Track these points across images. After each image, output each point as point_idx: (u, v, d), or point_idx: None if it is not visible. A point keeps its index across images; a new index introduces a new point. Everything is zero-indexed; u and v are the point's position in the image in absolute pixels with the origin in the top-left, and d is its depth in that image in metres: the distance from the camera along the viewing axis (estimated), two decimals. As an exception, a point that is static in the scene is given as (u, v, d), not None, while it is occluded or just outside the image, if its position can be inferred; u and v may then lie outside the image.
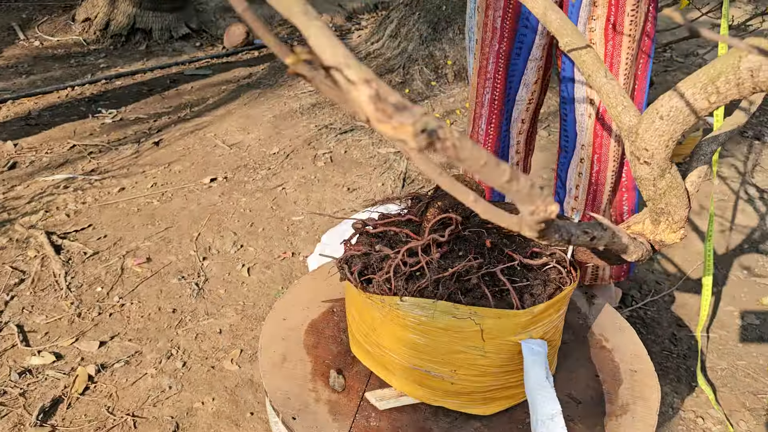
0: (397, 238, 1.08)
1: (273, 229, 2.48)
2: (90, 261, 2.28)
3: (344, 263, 1.07)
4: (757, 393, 1.75)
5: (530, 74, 1.72)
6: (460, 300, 0.98)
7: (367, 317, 1.08)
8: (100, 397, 1.71)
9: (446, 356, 1.01)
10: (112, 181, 2.90)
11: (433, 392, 1.06)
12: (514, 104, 1.78)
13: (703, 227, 2.56)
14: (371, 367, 1.15)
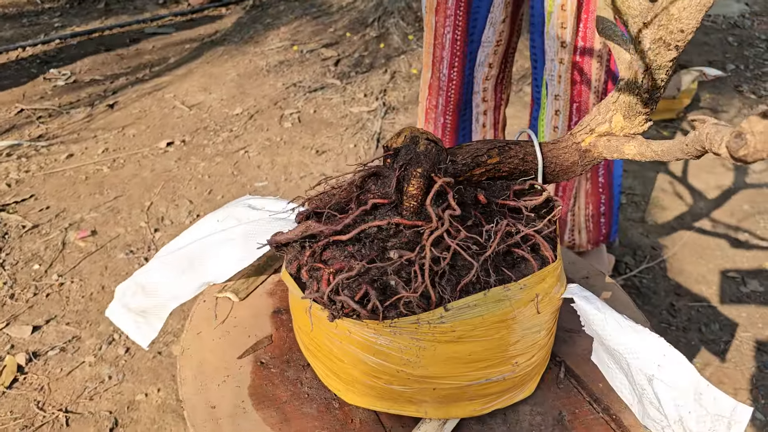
0: (378, 235, 0.76)
1: (233, 197, 2.26)
2: (28, 235, 2.06)
3: (333, 296, 0.71)
4: (764, 368, 1.59)
5: (497, 11, 1.50)
6: (506, 278, 0.74)
7: (394, 357, 0.72)
8: (29, 390, 1.50)
9: (505, 352, 0.76)
10: (60, 147, 2.66)
11: (487, 399, 0.79)
12: (480, 46, 1.56)
13: (697, 186, 2.38)
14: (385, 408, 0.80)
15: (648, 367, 0.67)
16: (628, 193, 2.32)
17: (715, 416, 0.62)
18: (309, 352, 0.83)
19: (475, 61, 1.58)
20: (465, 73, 1.59)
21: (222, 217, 0.98)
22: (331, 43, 3.55)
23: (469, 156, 0.79)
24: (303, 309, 0.77)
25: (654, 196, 2.31)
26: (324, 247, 0.76)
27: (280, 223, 0.93)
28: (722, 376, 1.56)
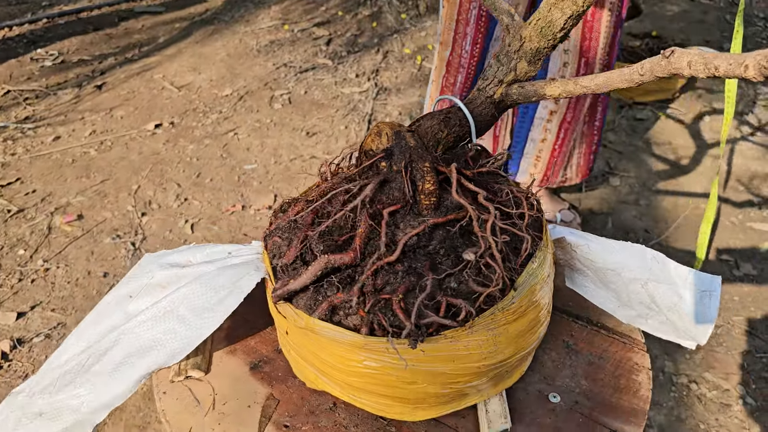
0: (419, 243, 0.72)
1: (222, 180, 2.23)
2: (13, 220, 2.03)
3: (419, 321, 0.65)
4: (756, 352, 1.58)
5: None
6: (535, 239, 0.77)
7: (473, 356, 0.70)
8: (13, 378, 1.49)
9: (548, 307, 0.80)
10: (47, 129, 2.62)
11: (527, 361, 0.85)
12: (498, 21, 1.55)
13: (691, 169, 2.35)
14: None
15: (641, 274, 0.80)
16: (622, 175, 2.30)
17: (701, 292, 0.80)
18: (351, 389, 0.75)
19: (492, 36, 1.57)
20: (484, 49, 1.60)
21: (135, 291, 0.79)
22: (323, 22, 3.50)
23: (432, 137, 0.78)
24: (344, 350, 0.68)
25: (647, 178, 2.28)
26: (374, 274, 0.69)
27: (232, 271, 0.78)
28: (713, 361, 1.55)
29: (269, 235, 0.77)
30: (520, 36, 0.74)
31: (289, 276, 0.72)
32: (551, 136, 1.75)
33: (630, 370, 0.87)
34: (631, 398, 0.82)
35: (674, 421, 1.40)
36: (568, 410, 0.79)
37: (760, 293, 1.76)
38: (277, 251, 0.75)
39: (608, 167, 2.35)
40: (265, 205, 2.10)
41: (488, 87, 0.77)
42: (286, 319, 0.73)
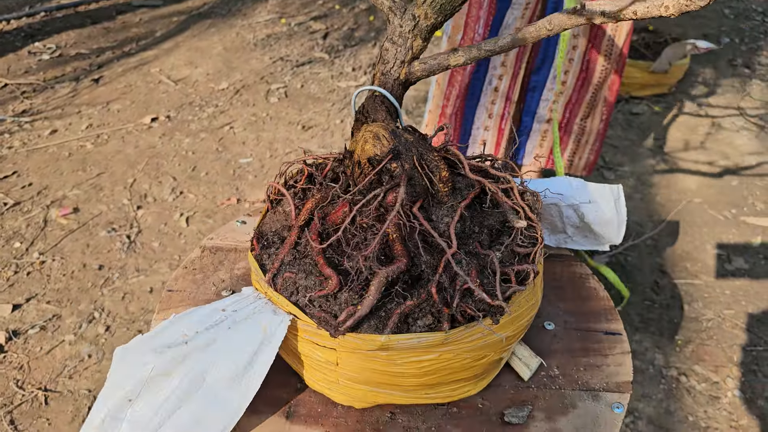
0: (462, 229, 0.74)
1: (217, 173, 2.24)
2: (10, 213, 2.04)
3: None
4: (746, 346, 1.59)
5: None
6: None
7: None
8: (9, 368, 1.50)
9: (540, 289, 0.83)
10: (44, 123, 2.62)
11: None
12: (510, 6, 1.55)
13: (685, 164, 2.36)
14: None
15: (573, 200, 0.91)
16: (617, 169, 2.30)
17: (614, 201, 0.92)
18: (423, 388, 0.74)
19: (501, 22, 1.57)
20: (493, 32, 1.60)
21: (133, 392, 0.65)
22: (320, 16, 3.50)
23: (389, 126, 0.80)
24: (420, 353, 0.68)
25: (642, 172, 2.29)
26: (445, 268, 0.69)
27: (247, 325, 0.71)
28: (703, 354, 1.56)
29: (277, 274, 0.72)
30: (413, 15, 0.76)
31: (331, 306, 0.69)
32: (557, 115, 1.76)
33: (582, 281, 0.97)
34: (598, 302, 0.93)
35: (663, 414, 1.42)
36: (564, 331, 0.87)
37: (751, 287, 1.77)
38: (294, 287, 0.71)
39: (603, 161, 2.36)
40: (260, 199, 2.10)
41: (392, 70, 0.79)
42: (335, 350, 0.69)
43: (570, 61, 1.64)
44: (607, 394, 0.78)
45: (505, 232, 0.76)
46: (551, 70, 1.67)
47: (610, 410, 0.76)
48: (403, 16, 0.77)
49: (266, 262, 0.75)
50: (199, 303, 0.88)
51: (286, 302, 0.70)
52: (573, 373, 0.82)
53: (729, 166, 2.34)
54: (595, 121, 1.75)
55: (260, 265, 0.75)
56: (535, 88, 1.71)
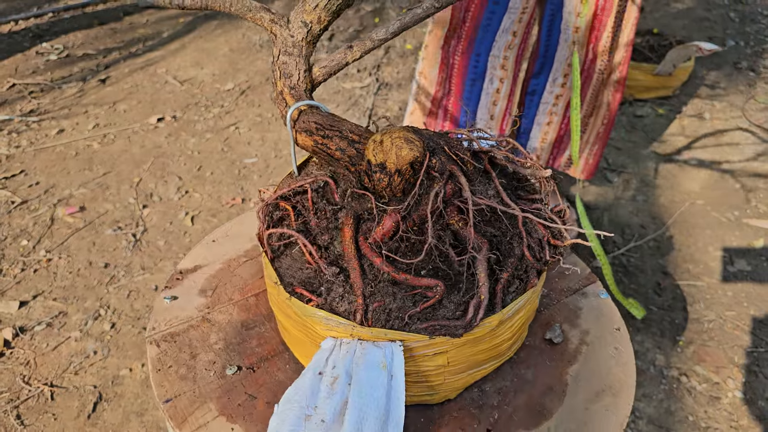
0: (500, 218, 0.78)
1: (223, 173, 2.25)
2: (17, 211, 2.06)
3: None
4: (747, 347, 1.59)
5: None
6: None
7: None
8: (15, 364, 1.51)
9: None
10: (52, 122, 2.64)
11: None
12: (506, 11, 1.56)
13: (689, 166, 2.36)
14: None
15: None
16: (620, 171, 2.31)
17: None
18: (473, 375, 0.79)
19: (498, 26, 1.58)
20: (480, 21, 1.60)
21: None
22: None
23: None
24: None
25: (645, 174, 2.30)
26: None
27: (363, 369, 0.67)
28: (704, 355, 1.57)
29: (366, 310, 0.71)
30: (304, 23, 0.78)
31: (435, 312, 0.71)
32: (557, 117, 1.77)
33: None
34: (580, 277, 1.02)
35: (663, 413, 1.42)
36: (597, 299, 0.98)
37: (753, 289, 1.78)
38: (386, 314, 0.71)
39: (606, 163, 2.37)
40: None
41: (299, 82, 0.81)
42: (446, 352, 0.71)
43: (569, 65, 1.66)
44: (587, 289, 0.98)
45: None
46: (550, 74, 1.69)
47: (599, 297, 0.96)
48: (291, 26, 0.78)
49: (338, 306, 0.72)
50: (213, 396, 0.80)
51: (384, 332, 0.69)
52: (556, 285, 0.98)
53: (732, 169, 2.35)
54: (597, 121, 1.76)
55: (333, 311, 0.72)
56: (535, 91, 1.73)
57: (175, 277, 0.98)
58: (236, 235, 1.07)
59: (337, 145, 0.78)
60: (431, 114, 1.76)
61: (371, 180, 0.75)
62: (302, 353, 0.82)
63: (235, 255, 1.03)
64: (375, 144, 0.74)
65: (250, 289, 0.96)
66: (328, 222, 0.79)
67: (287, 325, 0.80)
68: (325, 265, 0.75)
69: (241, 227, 1.09)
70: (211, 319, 0.91)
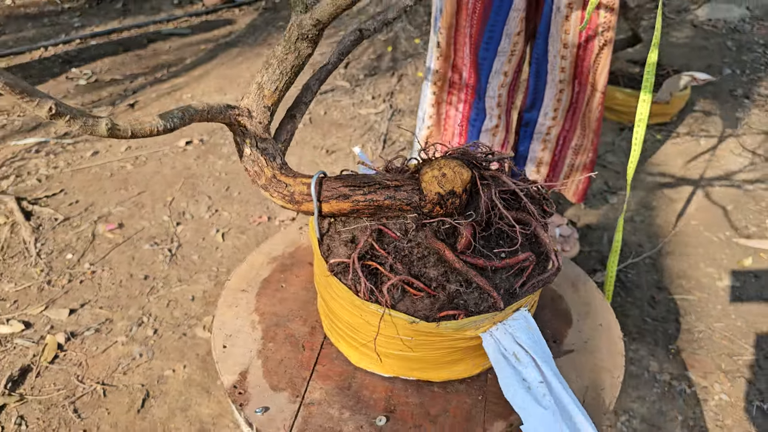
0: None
1: (249, 193, 2.43)
2: (61, 227, 2.23)
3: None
4: (733, 355, 1.74)
5: (512, 24, 1.68)
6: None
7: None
8: (69, 365, 1.67)
9: None
10: (86, 144, 2.83)
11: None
12: (496, 56, 1.74)
13: (683, 188, 2.53)
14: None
15: None
16: (620, 194, 2.47)
17: None
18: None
19: (491, 69, 1.76)
20: (482, 76, 1.79)
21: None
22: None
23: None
24: None
25: (643, 197, 2.46)
26: None
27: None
28: (693, 362, 1.72)
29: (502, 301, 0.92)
30: (266, 107, 0.94)
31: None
32: (551, 145, 1.96)
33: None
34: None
35: (656, 414, 1.57)
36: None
37: (740, 303, 1.93)
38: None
39: (606, 186, 2.53)
40: (289, 217, 2.28)
41: (284, 161, 0.99)
42: None
43: (558, 101, 1.84)
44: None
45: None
46: (542, 109, 1.87)
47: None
48: (254, 115, 0.94)
49: (479, 307, 0.92)
50: None
51: (512, 307, 0.95)
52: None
53: (725, 192, 2.51)
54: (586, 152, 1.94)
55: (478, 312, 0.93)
56: (528, 123, 1.93)
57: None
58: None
59: (384, 195, 0.92)
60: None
61: (444, 206, 0.90)
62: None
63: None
64: (438, 178, 0.89)
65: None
66: (411, 256, 0.92)
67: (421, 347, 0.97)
68: (447, 288, 0.90)
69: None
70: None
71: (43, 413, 1.53)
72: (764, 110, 3.35)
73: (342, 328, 1.01)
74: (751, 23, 4.81)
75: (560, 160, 2.00)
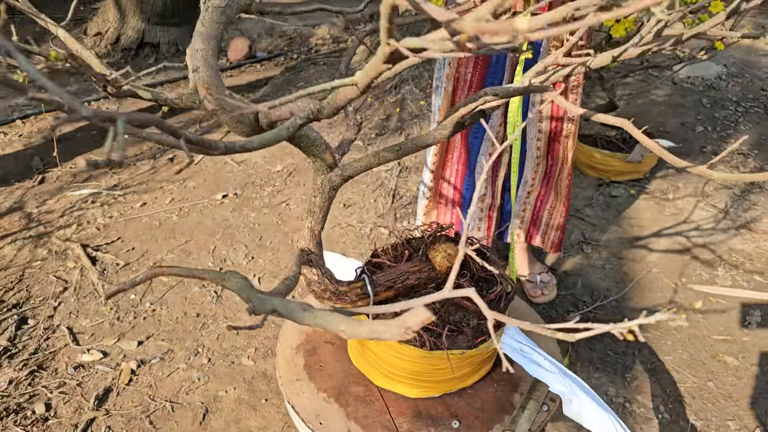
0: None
1: (279, 243, 2.86)
2: (122, 271, 2.66)
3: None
4: (677, 382, 2.15)
5: (494, 119, 2.13)
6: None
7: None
8: (142, 387, 2.09)
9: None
10: (134, 196, 3.28)
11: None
12: (483, 141, 2.19)
13: (649, 238, 2.95)
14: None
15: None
16: (594, 244, 2.90)
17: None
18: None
19: (478, 151, 2.21)
20: (468, 163, 2.24)
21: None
22: (356, 108, 4.18)
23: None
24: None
25: (613, 247, 2.88)
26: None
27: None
28: (644, 388, 2.12)
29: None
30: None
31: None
32: (530, 206, 2.39)
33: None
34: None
35: (611, 429, 1.97)
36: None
37: (688, 339, 2.34)
38: None
39: (583, 237, 2.96)
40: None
41: (332, 278, 1.42)
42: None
43: (536, 172, 2.28)
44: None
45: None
46: (522, 178, 2.31)
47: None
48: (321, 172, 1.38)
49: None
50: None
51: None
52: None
53: (686, 242, 2.93)
54: (559, 213, 2.38)
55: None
56: (510, 189, 2.36)
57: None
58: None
59: (414, 278, 1.36)
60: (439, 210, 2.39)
61: (446, 276, 1.35)
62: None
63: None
64: (445, 257, 1.34)
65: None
66: (440, 312, 1.38)
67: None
68: (471, 323, 1.35)
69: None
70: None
71: (125, 424, 1.95)
72: (729, 166, 3.78)
73: (401, 375, 1.42)
74: (726, 80, 5.24)
75: (538, 218, 2.43)
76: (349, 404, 1.45)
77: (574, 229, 3.03)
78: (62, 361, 2.18)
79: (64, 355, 2.21)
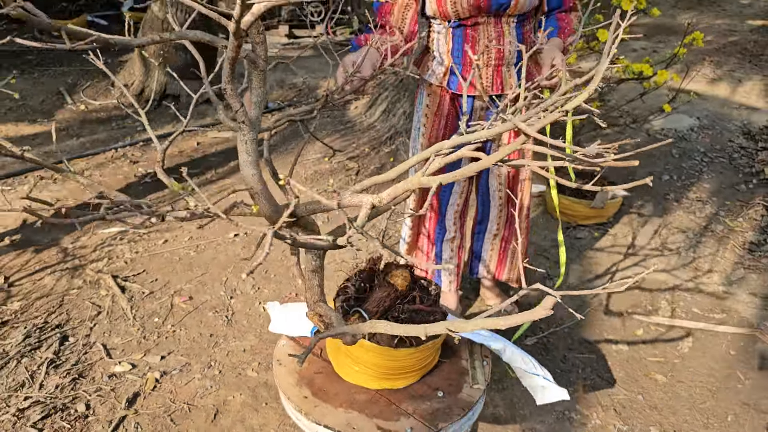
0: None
1: (282, 275, 3.31)
2: (147, 299, 3.12)
3: None
4: (610, 395, 2.56)
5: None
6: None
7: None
8: (164, 392, 2.52)
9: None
10: (157, 234, 3.75)
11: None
12: (451, 194, 2.65)
13: (601, 276, 3.38)
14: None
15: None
16: (555, 279, 3.33)
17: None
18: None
19: (447, 202, 2.67)
20: (440, 211, 2.70)
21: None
22: (354, 157, 4.68)
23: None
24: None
25: (573, 283, 3.31)
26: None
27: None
28: (582, 399, 2.53)
29: None
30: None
31: None
32: (497, 247, 2.84)
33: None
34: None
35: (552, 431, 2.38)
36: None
37: (626, 360, 2.75)
38: None
39: (547, 274, 3.39)
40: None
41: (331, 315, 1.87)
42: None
43: (499, 217, 2.73)
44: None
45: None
46: (488, 224, 2.76)
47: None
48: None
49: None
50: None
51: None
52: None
53: (638, 281, 3.35)
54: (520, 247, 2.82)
55: None
56: (480, 231, 2.81)
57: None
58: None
59: (389, 301, 1.81)
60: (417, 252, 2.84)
61: (406, 290, 1.81)
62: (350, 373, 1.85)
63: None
64: (403, 279, 1.80)
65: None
66: (403, 317, 1.83)
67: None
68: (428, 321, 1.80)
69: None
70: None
71: (151, 422, 2.38)
72: (688, 212, 4.22)
73: (387, 373, 1.83)
74: (697, 132, 5.66)
75: (503, 259, 2.87)
76: (364, 408, 1.84)
77: (540, 266, 3.46)
78: (98, 371, 2.63)
79: (99, 366, 2.66)
